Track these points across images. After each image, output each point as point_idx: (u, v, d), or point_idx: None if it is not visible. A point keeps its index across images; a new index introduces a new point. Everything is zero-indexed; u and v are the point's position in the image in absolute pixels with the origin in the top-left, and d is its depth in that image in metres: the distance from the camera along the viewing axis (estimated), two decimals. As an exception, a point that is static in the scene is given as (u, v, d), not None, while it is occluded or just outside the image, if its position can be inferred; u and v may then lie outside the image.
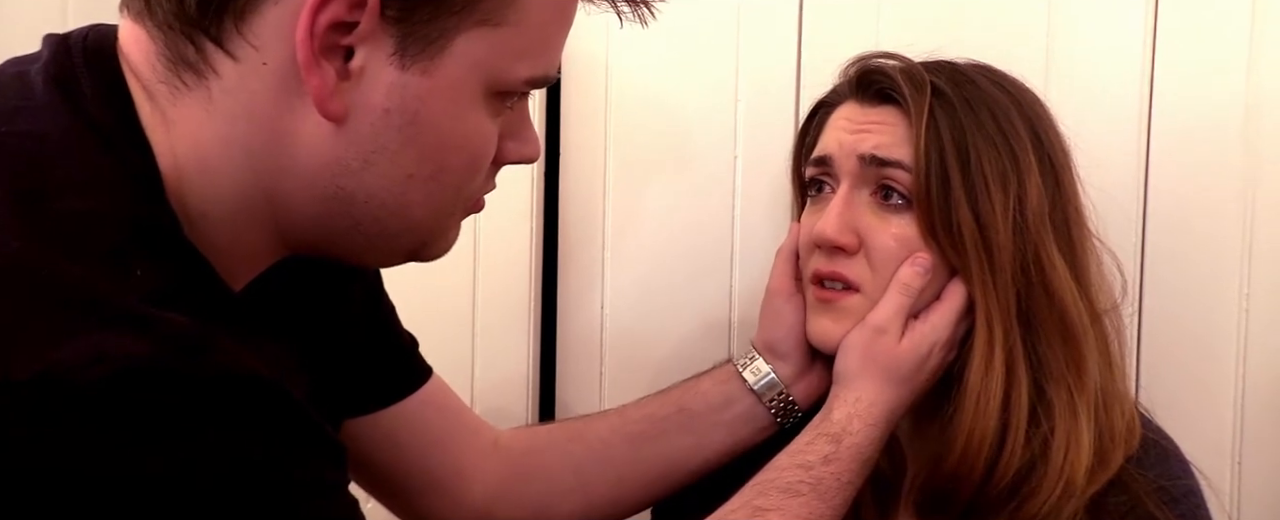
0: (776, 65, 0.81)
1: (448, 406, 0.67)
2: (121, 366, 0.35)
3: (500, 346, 0.88)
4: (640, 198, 0.86)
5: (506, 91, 0.46)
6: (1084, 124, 0.65)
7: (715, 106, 0.83)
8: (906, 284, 0.59)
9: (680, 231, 0.85)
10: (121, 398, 0.35)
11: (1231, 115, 0.70)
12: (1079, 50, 0.73)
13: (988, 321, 0.58)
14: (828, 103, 0.66)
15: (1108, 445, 0.57)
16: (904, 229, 0.60)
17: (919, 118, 0.58)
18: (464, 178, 0.46)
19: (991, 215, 0.57)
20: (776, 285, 0.66)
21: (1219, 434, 0.70)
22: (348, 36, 0.42)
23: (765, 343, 0.66)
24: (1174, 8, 0.71)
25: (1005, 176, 0.58)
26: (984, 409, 0.57)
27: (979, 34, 0.74)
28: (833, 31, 0.79)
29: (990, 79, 0.61)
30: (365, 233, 0.45)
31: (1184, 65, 0.71)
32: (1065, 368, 0.58)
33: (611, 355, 0.86)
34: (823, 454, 0.58)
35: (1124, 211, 0.72)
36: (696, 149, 0.84)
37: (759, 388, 0.66)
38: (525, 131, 0.49)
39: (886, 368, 0.59)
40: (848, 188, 0.62)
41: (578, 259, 0.88)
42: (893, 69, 0.61)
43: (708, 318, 0.84)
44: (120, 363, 0.35)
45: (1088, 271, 0.60)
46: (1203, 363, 0.71)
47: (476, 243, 0.88)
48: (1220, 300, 0.70)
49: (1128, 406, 0.60)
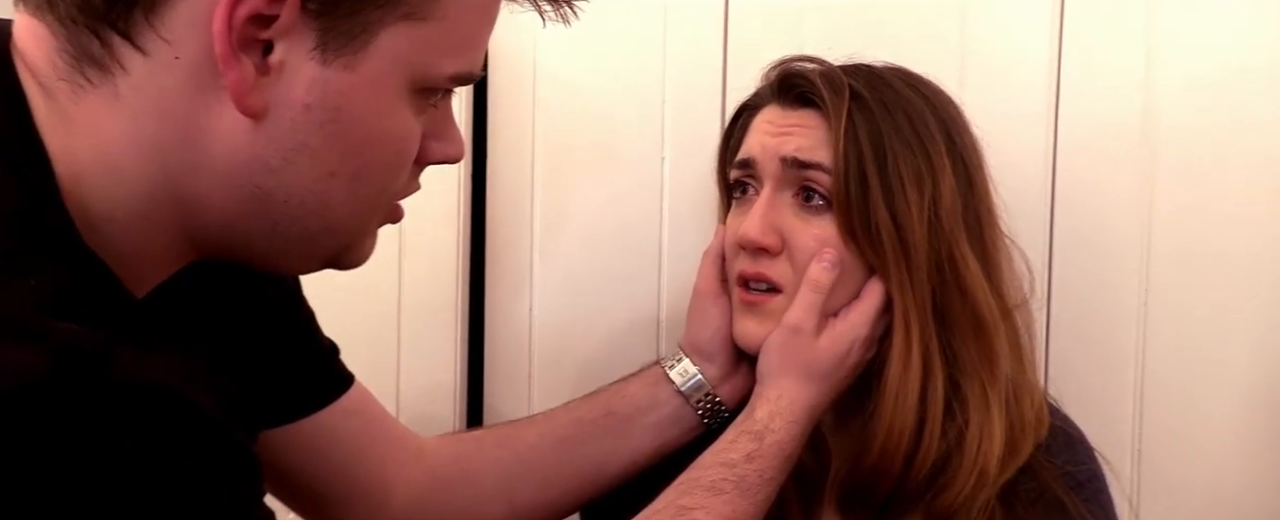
0: (703, 66, 0.82)
1: (370, 415, 0.65)
2: (16, 382, 0.33)
3: (426, 351, 0.86)
4: (568, 199, 0.86)
5: (431, 88, 0.45)
6: (995, 126, 0.68)
7: (642, 107, 0.84)
8: (817, 281, 0.60)
9: (609, 232, 0.85)
10: (19, 413, 0.33)
11: (1131, 119, 0.74)
12: (991, 56, 0.76)
13: (905, 319, 0.60)
14: (751, 105, 0.67)
15: (1018, 435, 0.59)
16: (824, 230, 0.61)
17: (837, 121, 0.60)
18: (387, 176, 0.45)
19: (907, 215, 0.59)
20: (703, 286, 0.67)
21: (1120, 422, 0.74)
22: (267, 30, 0.40)
23: (692, 344, 0.67)
24: (1077, 18, 0.74)
25: (920, 177, 0.60)
26: (902, 404, 0.59)
27: (898, 38, 0.76)
28: (758, 33, 0.80)
29: (906, 82, 0.63)
30: (284, 234, 0.44)
31: (1087, 72, 0.74)
32: (978, 362, 0.60)
33: (540, 358, 0.86)
34: (746, 451, 0.58)
35: (1033, 210, 0.75)
36: (624, 150, 0.85)
37: (686, 389, 0.66)
38: (449, 130, 0.48)
39: (805, 365, 0.60)
40: (771, 190, 0.63)
41: (506, 261, 0.87)
42: (812, 73, 0.63)
43: (636, 319, 0.84)
44: (16, 378, 0.33)
45: (999, 269, 0.62)
46: (1106, 354, 0.75)
47: (401, 245, 0.86)
48: (1122, 295, 0.74)
49: (1037, 397, 0.62)
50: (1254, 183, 0.72)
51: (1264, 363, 0.72)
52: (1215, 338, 0.73)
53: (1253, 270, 0.72)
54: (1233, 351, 0.73)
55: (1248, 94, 0.72)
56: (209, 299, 0.52)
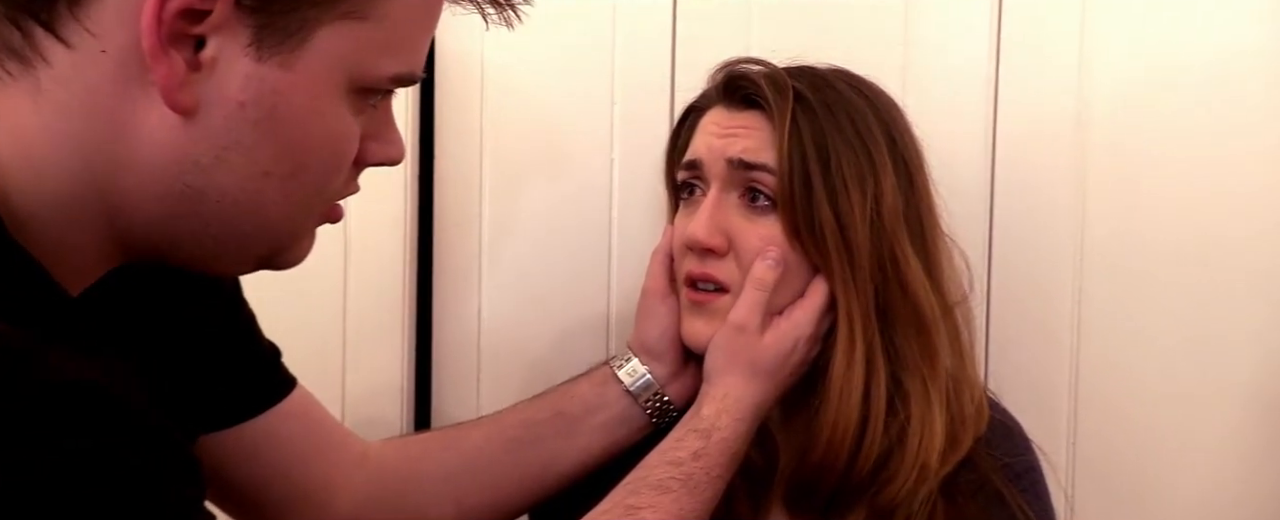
0: (651, 67, 0.82)
1: (312, 419, 0.64)
2: None
3: (373, 353, 0.85)
4: (517, 199, 0.85)
5: (370, 89, 0.44)
6: (937, 127, 0.69)
7: (591, 107, 0.84)
8: (761, 279, 0.61)
9: (557, 233, 0.84)
10: None
11: (1065, 121, 0.76)
12: (932, 59, 0.78)
13: (848, 317, 0.61)
14: (697, 106, 0.68)
15: (959, 429, 0.60)
16: (770, 230, 0.62)
17: (782, 123, 0.60)
18: (324, 177, 0.44)
19: (850, 215, 0.60)
20: (651, 286, 0.67)
21: (1056, 414, 0.76)
22: (199, 25, 0.39)
23: (641, 343, 0.67)
24: (1014, 23, 0.76)
25: (862, 178, 0.61)
26: (846, 401, 0.59)
27: (844, 39, 0.77)
28: (705, 33, 0.81)
29: (849, 83, 0.64)
30: (215, 235, 0.43)
31: (1024, 75, 0.76)
32: (919, 358, 0.61)
33: (489, 359, 0.85)
34: (693, 450, 0.59)
35: (973, 209, 0.76)
36: (573, 151, 0.85)
37: (635, 388, 0.66)
38: (389, 132, 0.48)
39: (751, 363, 0.61)
40: (717, 191, 0.63)
41: (453, 262, 0.86)
42: (757, 75, 0.63)
43: (586, 319, 0.84)
44: None
45: (939, 267, 0.64)
46: (1043, 349, 0.77)
47: (346, 246, 0.85)
48: (1058, 291, 0.76)
49: (977, 391, 0.63)
50: (1183, 182, 0.74)
51: (1195, 356, 0.74)
52: (1147, 332, 0.75)
53: (1183, 266, 0.74)
54: (1164, 345, 0.75)
55: (1177, 96, 0.74)
56: (144, 300, 0.51)
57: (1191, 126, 0.74)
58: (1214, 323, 0.74)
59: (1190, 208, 0.74)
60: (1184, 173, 0.74)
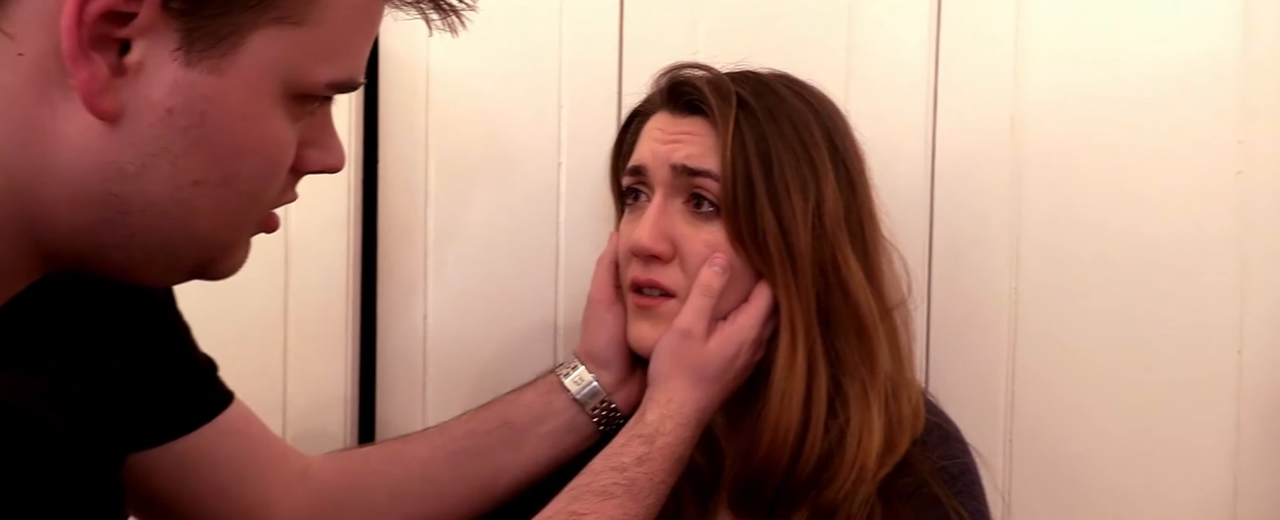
0: (598, 71, 0.82)
1: (251, 434, 0.62)
2: None
3: (315, 364, 0.83)
4: (463, 205, 0.84)
5: (307, 95, 0.43)
6: (878, 132, 0.70)
7: (538, 112, 0.83)
8: (707, 285, 0.61)
9: (504, 239, 0.83)
10: None
11: (1001, 128, 0.78)
12: (874, 66, 0.79)
13: (791, 321, 0.61)
14: (642, 112, 0.68)
15: (896, 431, 0.61)
16: (714, 235, 0.62)
17: (725, 129, 0.61)
18: (258, 185, 0.43)
19: (793, 221, 0.60)
20: (597, 294, 0.67)
21: (993, 416, 0.78)
22: (124, 28, 0.38)
23: (587, 351, 0.67)
24: (952, 34, 0.78)
25: (805, 183, 0.61)
26: (788, 405, 0.60)
27: (789, 45, 0.78)
28: (652, 38, 0.81)
29: (791, 89, 0.64)
30: (143, 245, 0.41)
31: (961, 84, 0.78)
32: (859, 361, 0.62)
33: (435, 368, 0.84)
34: (637, 455, 0.59)
35: (914, 213, 0.78)
36: (520, 155, 0.84)
37: (581, 396, 0.66)
38: (328, 139, 0.47)
39: (695, 368, 0.61)
40: (662, 196, 0.63)
41: (398, 269, 0.85)
42: (701, 80, 0.63)
43: (533, 326, 0.83)
44: None
45: (879, 270, 0.65)
46: (980, 351, 0.78)
47: (287, 253, 0.82)
48: (995, 294, 0.78)
49: (914, 394, 0.64)
50: (1114, 187, 0.77)
51: (1128, 357, 0.77)
52: (1081, 334, 0.77)
53: (1115, 269, 0.77)
54: (1098, 347, 0.77)
55: (1107, 105, 0.76)
56: (71, 312, 0.49)
57: (1121, 133, 0.76)
58: (1146, 324, 0.76)
59: (1121, 212, 0.76)
60: (1114, 178, 0.76)
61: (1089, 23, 0.76)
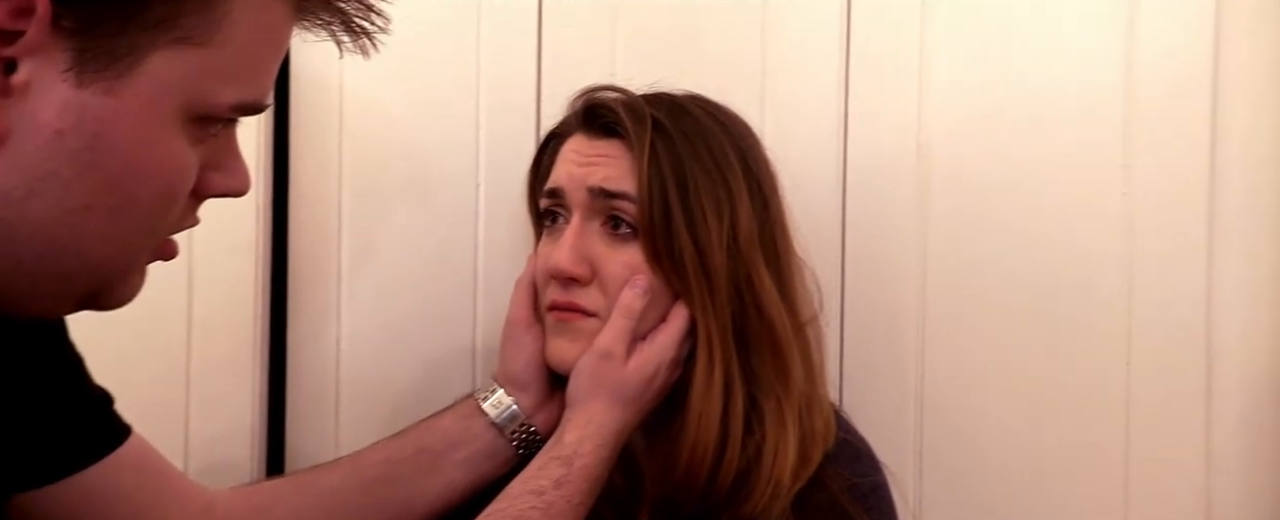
0: (516, 93, 0.82)
1: (150, 469, 0.60)
2: None
3: (220, 394, 0.80)
4: (378, 227, 0.83)
5: (210, 117, 0.42)
6: (791, 153, 0.72)
7: (456, 134, 0.82)
8: (628, 306, 0.62)
9: (421, 261, 0.82)
10: None
11: (907, 149, 0.81)
12: (787, 89, 0.81)
13: (708, 341, 0.62)
14: (558, 134, 0.68)
15: (809, 446, 0.63)
16: (632, 257, 0.62)
17: (641, 152, 0.61)
18: (154, 211, 0.42)
19: (709, 241, 0.61)
20: (515, 316, 0.66)
21: (903, 431, 0.80)
22: (9, 47, 0.36)
23: (506, 374, 0.66)
24: (861, 59, 0.81)
25: (720, 204, 0.62)
26: (706, 423, 0.61)
27: (704, 67, 0.79)
28: (570, 59, 0.81)
29: (705, 110, 0.66)
30: (29, 273, 0.39)
31: (870, 106, 0.81)
32: (774, 378, 0.63)
33: (348, 395, 0.82)
34: (555, 478, 0.58)
35: (826, 230, 0.80)
36: (437, 177, 0.83)
37: (500, 420, 0.65)
38: (232, 161, 0.45)
39: (614, 389, 0.61)
40: (579, 219, 0.63)
41: (310, 293, 0.82)
42: (616, 103, 0.64)
43: (452, 351, 0.82)
44: None
45: (793, 288, 0.66)
46: (891, 367, 0.81)
47: (191, 279, 0.79)
48: (904, 310, 0.80)
49: (826, 409, 0.66)
50: (1011, 209, 0.80)
51: (1025, 373, 0.80)
52: (987, 349, 0.80)
53: (1014, 287, 0.80)
54: (1000, 363, 0.80)
55: (1004, 131, 0.80)
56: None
57: (1017, 157, 0.80)
58: (1043, 338, 0.79)
59: (1019, 231, 0.80)
60: (1012, 199, 0.80)
61: (987, 52, 0.80)
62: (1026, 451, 0.80)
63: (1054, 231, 0.79)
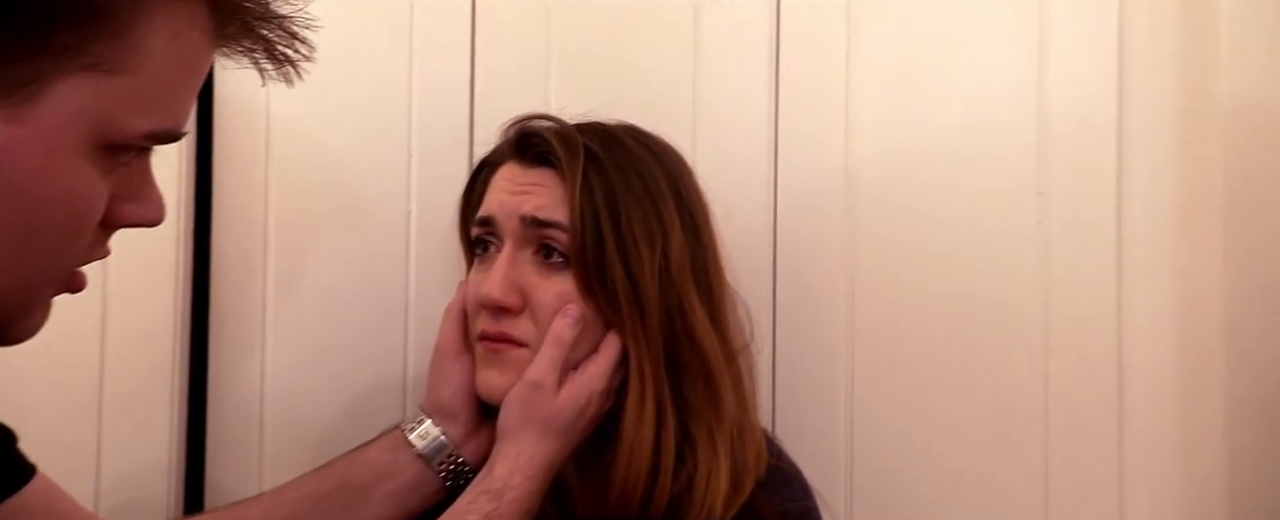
0: (449, 120, 0.82)
1: (55, 511, 0.57)
2: None
3: (135, 429, 0.77)
4: (305, 255, 0.81)
5: (121, 145, 0.41)
6: (723, 182, 0.73)
7: (388, 161, 0.81)
8: (559, 336, 0.61)
9: (351, 290, 0.81)
10: None
11: (835, 180, 0.82)
12: (718, 119, 0.82)
13: (640, 370, 0.62)
14: (490, 162, 0.68)
15: (741, 474, 0.63)
16: (565, 286, 0.62)
17: (573, 181, 0.62)
18: (60, 242, 0.40)
19: (641, 271, 0.62)
20: (445, 344, 0.66)
21: (834, 457, 0.81)
22: None
23: (434, 404, 0.65)
24: (790, 90, 0.83)
25: (652, 233, 0.63)
26: (638, 453, 0.61)
27: (637, 97, 0.80)
28: (504, 87, 0.81)
29: (637, 140, 0.66)
30: None
31: (799, 138, 0.83)
32: (706, 407, 0.63)
33: (273, 429, 0.79)
34: (484, 512, 0.58)
35: (758, 260, 0.81)
36: (368, 204, 0.82)
37: (427, 451, 0.64)
38: (146, 191, 0.44)
39: (545, 420, 0.61)
40: (511, 248, 0.63)
41: (232, 323, 0.80)
42: (549, 132, 0.64)
43: (381, 382, 0.80)
44: None
45: (724, 316, 0.67)
46: (821, 393, 0.82)
47: (104, 309, 0.76)
48: (834, 338, 0.82)
49: (757, 436, 0.66)
50: (934, 235, 0.82)
51: (956, 395, 0.82)
52: (912, 375, 0.82)
53: (938, 312, 0.82)
54: (927, 388, 0.82)
55: (926, 160, 0.83)
56: None
57: (938, 185, 0.82)
58: (965, 362, 0.82)
59: (941, 257, 0.82)
60: (934, 225, 0.82)
61: (909, 87, 0.83)
62: (953, 474, 0.82)
63: (975, 257, 0.82)
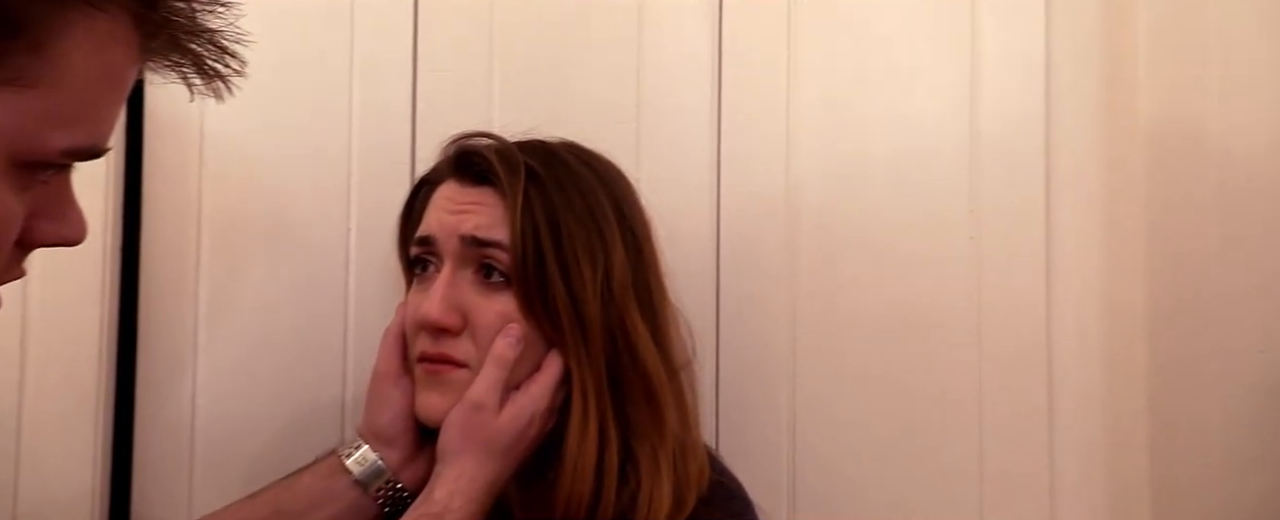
0: (390, 138, 0.80)
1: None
2: None
3: (57, 455, 0.73)
4: (240, 275, 0.79)
5: (38, 163, 0.39)
6: (666, 200, 0.73)
7: (326, 178, 0.80)
8: (501, 357, 0.61)
9: (287, 311, 0.79)
10: None
11: (777, 200, 0.83)
12: (662, 138, 0.82)
13: (582, 389, 0.62)
14: (430, 181, 0.67)
15: (684, 491, 0.63)
16: (506, 306, 0.62)
17: (514, 200, 0.61)
18: (-27, 262, 0.38)
19: (583, 290, 0.61)
20: (383, 367, 0.64)
21: (777, 472, 0.82)
22: None
23: (371, 428, 0.64)
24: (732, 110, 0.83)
25: (594, 252, 0.62)
26: (581, 472, 0.60)
27: (581, 116, 0.80)
28: (446, 104, 0.80)
29: (579, 158, 0.66)
30: None
31: (741, 159, 0.83)
32: (649, 425, 0.63)
33: (204, 456, 0.77)
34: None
35: (701, 277, 0.81)
36: (306, 223, 0.80)
37: (364, 477, 0.63)
38: (66, 209, 0.42)
39: (487, 442, 0.60)
40: (451, 267, 0.62)
41: (161, 345, 0.77)
42: (489, 150, 0.64)
43: (319, 406, 0.78)
44: None
45: (667, 334, 0.66)
46: (764, 408, 0.82)
47: (24, 331, 0.73)
48: (776, 354, 0.82)
49: (700, 453, 0.66)
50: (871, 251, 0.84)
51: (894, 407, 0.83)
52: (851, 389, 0.83)
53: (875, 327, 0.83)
54: (865, 402, 0.83)
55: (863, 178, 0.84)
56: None
57: (875, 202, 0.84)
58: (901, 377, 0.83)
59: (877, 273, 0.83)
60: (872, 242, 0.84)
61: (847, 106, 0.84)
62: (893, 484, 0.83)
63: (911, 272, 0.83)
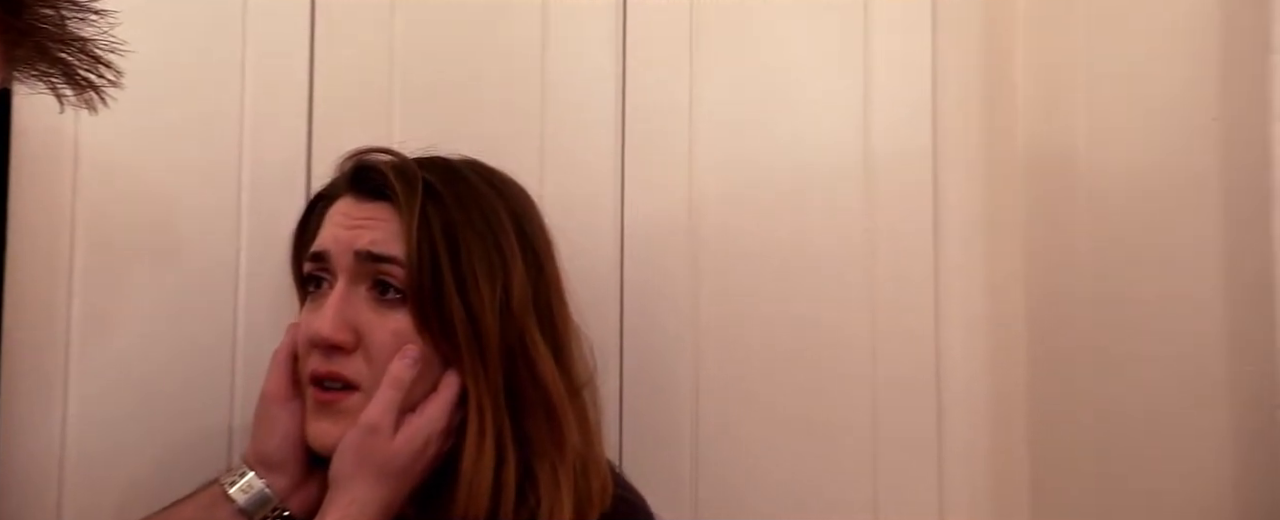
0: (284, 153, 0.78)
1: None
2: None
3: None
4: (117, 293, 0.75)
5: None
6: (570, 218, 0.73)
7: (215, 195, 0.77)
8: (397, 378, 0.59)
9: (170, 334, 0.75)
10: None
11: (679, 219, 0.84)
12: (566, 156, 0.83)
13: (479, 407, 0.61)
14: (325, 196, 0.65)
15: (586, 507, 0.62)
16: (400, 323, 0.60)
17: (411, 215, 0.60)
18: None
19: (480, 306, 0.61)
20: (271, 390, 0.62)
21: (680, 488, 0.82)
22: None
23: (258, 454, 0.62)
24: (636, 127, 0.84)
25: (492, 269, 0.62)
26: (477, 491, 0.59)
27: (485, 131, 0.80)
28: (344, 119, 0.78)
29: (479, 175, 0.65)
30: None
31: (645, 174, 0.84)
32: (549, 443, 0.62)
33: (74, 485, 0.72)
34: None
35: (605, 294, 0.81)
36: (192, 241, 0.76)
37: (249, 505, 0.60)
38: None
39: (381, 465, 0.58)
40: (345, 284, 0.61)
41: (28, 367, 0.73)
42: (386, 165, 0.63)
43: (203, 432, 0.75)
44: None
45: (568, 351, 0.66)
46: (667, 423, 0.83)
47: None
48: (679, 371, 0.83)
49: (602, 469, 0.66)
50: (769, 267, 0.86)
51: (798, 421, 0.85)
52: (752, 405, 0.85)
53: (774, 341, 0.85)
54: (765, 416, 0.85)
55: (762, 197, 0.86)
56: None
57: (773, 220, 0.86)
58: (798, 392, 0.85)
59: (776, 288, 0.86)
60: (770, 258, 0.86)
61: (747, 127, 0.86)
62: (792, 493, 0.84)
63: (808, 287, 0.86)
